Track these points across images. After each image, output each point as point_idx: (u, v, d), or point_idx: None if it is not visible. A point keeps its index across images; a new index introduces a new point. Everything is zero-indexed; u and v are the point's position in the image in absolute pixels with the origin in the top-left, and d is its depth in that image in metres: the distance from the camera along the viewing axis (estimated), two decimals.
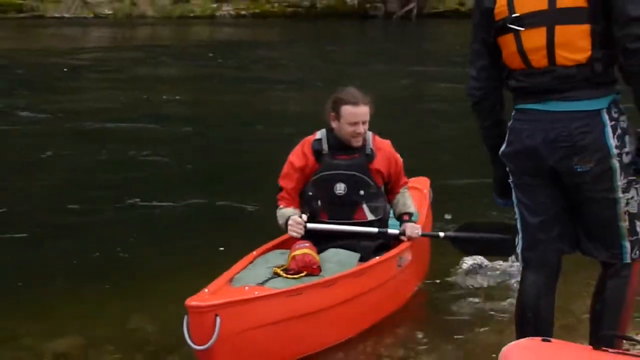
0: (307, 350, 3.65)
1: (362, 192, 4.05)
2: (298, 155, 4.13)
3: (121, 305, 4.50)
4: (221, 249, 5.22)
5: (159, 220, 6.41)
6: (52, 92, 13.60)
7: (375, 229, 4.04)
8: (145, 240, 5.87)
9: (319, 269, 3.75)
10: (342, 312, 3.77)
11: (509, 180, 2.98)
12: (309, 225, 4.04)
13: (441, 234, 4.36)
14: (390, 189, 4.27)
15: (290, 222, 4.00)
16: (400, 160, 4.30)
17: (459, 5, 30.77)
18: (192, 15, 30.77)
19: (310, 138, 4.19)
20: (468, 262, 4.74)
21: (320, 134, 4.16)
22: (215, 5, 31.61)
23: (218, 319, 3.13)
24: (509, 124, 2.89)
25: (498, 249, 4.28)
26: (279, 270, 3.73)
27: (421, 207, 4.77)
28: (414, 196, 4.76)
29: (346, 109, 3.95)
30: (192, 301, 3.23)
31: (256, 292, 3.43)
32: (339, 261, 3.87)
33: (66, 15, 29.70)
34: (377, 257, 3.99)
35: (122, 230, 6.19)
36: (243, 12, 31.36)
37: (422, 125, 9.86)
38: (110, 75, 15.86)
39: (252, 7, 31.62)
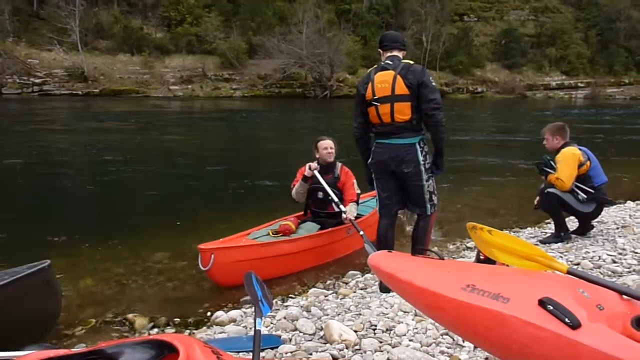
0: (267, 277, 3.06)
1: (330, 197, 3.55)
2: (301, 172, 3.68)
3: (190, 239, 4.08)
4: (254, 213, 4.59)
5: (227, 199, 5.83)
6: (154, 130, 12.86)
7: (334, 199, 3.51)
8: (211, 207, 5.42)
9: (291, 233, 3.45)
10: (298, 258, 3.38)
11: (372, 176, 2.90)
12: (313, 169, 3.59)
13: (361, 232, 3.21)
14: (345, 197, 3.64)
15: (307, 168, 3.60)
16: (353, 181, 3.71)
17: (349, 92, 30.85)
18: (221, 95, 29.93)
19: (309, 164, 3.67)
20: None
21: (315, 163, 3.67)
22: (232, 91, 30.78)
23: (212, 256, 2.99)
24: (372, 149, 2.82)
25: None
26: (270, 232, 3.46)
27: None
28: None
29: (320, 143, 3.67)
30: (200, 245, 3.05)
31: (241, 243, 3.21)
32: (306, 229, 3.54)
33: (160, 95, 28.58)
34: (331, 228, 3.57)
35: (204, 199, 5.76)
36: (246, 94, 30.64)
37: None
38: (181, 123, 15.18)
39: (251, 92, 30.87)
